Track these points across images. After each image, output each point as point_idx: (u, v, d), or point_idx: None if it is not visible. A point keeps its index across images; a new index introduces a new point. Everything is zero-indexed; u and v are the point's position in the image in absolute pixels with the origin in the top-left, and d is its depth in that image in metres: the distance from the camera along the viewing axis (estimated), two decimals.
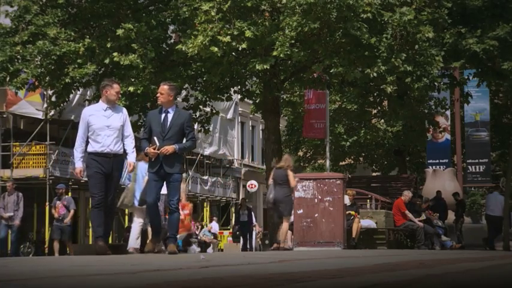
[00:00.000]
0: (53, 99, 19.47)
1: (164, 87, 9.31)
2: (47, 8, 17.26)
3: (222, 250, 28.44)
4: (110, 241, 25.07)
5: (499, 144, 32.98)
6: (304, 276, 4.52)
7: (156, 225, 9.55)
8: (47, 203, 23.15)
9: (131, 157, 9.33)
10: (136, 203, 13.24)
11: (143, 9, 18.55)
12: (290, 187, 13.56)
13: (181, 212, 12.79)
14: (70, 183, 24.28)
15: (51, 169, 23.36)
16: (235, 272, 4.84)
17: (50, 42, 16.63)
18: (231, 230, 30.66)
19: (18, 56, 17.01)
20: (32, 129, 23.44)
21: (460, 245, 20.18)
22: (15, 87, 17.50)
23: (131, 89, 16.51)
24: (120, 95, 9.58)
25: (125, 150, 9.39)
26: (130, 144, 9.34)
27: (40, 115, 23.43)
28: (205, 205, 34.23)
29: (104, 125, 9.19)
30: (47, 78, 17.46)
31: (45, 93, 22.27)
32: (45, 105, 22.86)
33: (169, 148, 8.94)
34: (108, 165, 9.13)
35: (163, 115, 9.21)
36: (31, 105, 23.34)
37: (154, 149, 8.96)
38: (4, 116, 23.75)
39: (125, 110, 9.57)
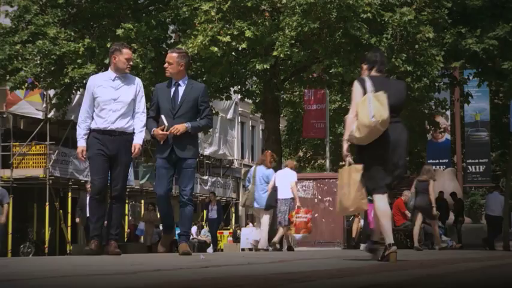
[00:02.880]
0: (54, 100, 19.45)
1: (173, 55, 7.72)
2: (46, 7, 17.26)
3: (222, 250, 28.43)
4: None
5: (499, 144, 32.95)
6: (304, 276, 4.52)
7: (168, 221, 8.05)
8: (47, 203, 23.17)
9: (138, 137, 7.80)
10: (256, 205, 13.76)
11: (143, 9, 18.56)
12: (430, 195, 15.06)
13: (306, 215, 13.22)
14: (70, 183, 24.30)
15: (51, 169, 23.35)
16: (235, 272, 4.84)
17: (50, 42, 16.63)
18: (231, 230, 30.61)
19: (18, 56, 17.00)
20: (32, 129, 23.44)
21: (460, 245, 20.18)
22: (13, 84, 17.44)
23: None
24: (131, 63, 8.00)
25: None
26: (140, 122, 7.82)
27: (40, 115, 23.43)
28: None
29: (110, 98, 7.73)
30: (47, 79, 17.45)
31: (45, 93, 22.27)
32: (45, 105, 22.86)
33: (179, 127, 7.47)
34: (113, 145, 7.73)
35: (173, 88, 7.68)
36: (31, 105, 23.34)
37: (162, 129, 7.52)
38: (4, 116, 23.75)
39: (138, 81, 7.98)
